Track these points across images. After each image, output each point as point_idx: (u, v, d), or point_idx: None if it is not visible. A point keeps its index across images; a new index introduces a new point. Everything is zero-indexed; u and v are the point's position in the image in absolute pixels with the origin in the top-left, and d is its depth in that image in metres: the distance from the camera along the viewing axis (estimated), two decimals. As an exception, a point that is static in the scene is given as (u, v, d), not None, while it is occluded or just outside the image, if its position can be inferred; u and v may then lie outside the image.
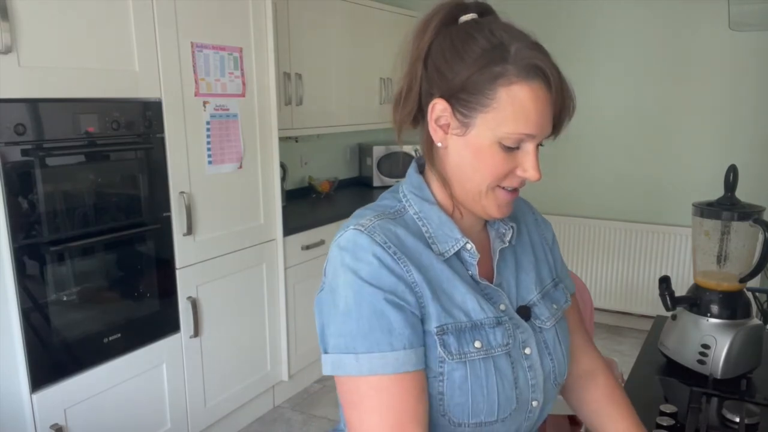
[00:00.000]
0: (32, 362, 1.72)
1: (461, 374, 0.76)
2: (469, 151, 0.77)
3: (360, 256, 0.75)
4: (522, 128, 0.74)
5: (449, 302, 0.77)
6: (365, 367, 0.72)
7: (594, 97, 3.63)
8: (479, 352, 0.77)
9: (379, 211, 0.81)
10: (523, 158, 0.78)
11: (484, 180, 0.78)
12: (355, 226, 0.77)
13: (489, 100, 0.74)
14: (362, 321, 0.73)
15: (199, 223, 2.25)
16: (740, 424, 1.05)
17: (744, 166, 1.40)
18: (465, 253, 0.81)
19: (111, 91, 1.89)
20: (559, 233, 3.78)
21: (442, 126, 0.78)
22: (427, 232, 0.81)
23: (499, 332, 0.79)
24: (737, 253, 1.27)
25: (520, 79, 0.73)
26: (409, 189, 0.84)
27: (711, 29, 3.24)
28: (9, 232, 1.64)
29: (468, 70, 0.74)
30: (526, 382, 0.81)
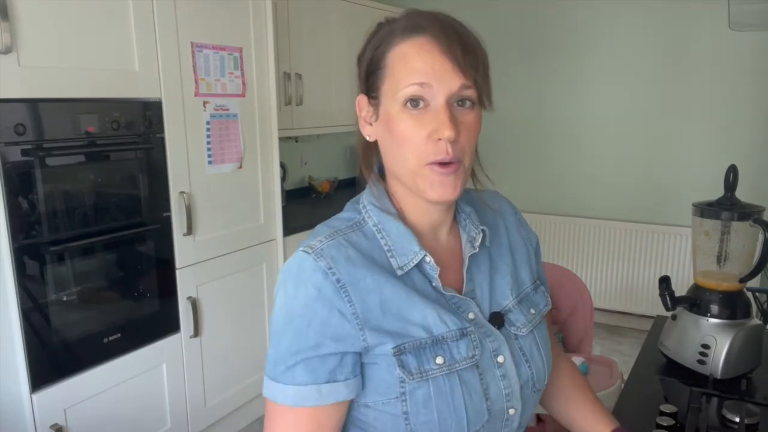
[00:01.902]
0: (32, 362, 1.72)
1: (424, 392, 0.73)
2: (386, 130, 0.76)
3: (300, 283, 0.73)
4: (412, 79, 0.72)
5: (405, 321, 0.74)
6: (270, 393, 0.75)
7: (594, 97, 3.63)
8: (441, 368, 0.74)
9: (335, 228, 0.78)
10: (434, 117, 0.73)
11: (408, 154, 0.74)
12: (305, 248, 0.75)
13: (383, 70, 0.75)
14: (280, 349, 0.74)
15: (199, 223, 2.25)
16: (740, 424, 1.05)
17: (744, 166, 1.40)
18: (425, 265, 0.78)
19: (111, 91, 1.89)
20: (559, 233, 3.78)
21: (365, 119, 0.80)
22: (386, 245, 0.78)
23: (464, 345, 0.76)
24: (737, 253, 1.27)
25: (403, 38, 0.74)
26: (368, 199, 0.81)
27: (711, 29, 3.24)
28: (9, 232, 1.64)
29: (368, 54, 0.77)
30: (500, 392, 0.78)
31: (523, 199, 3.92)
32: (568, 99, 3.71)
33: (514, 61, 3.79)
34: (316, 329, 0.72)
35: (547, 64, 3.71)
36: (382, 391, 0.75)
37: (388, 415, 0.75)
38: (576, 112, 3.71)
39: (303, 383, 0.72)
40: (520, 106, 3.83)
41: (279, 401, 0.74)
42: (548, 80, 3.73)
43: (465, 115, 0.75)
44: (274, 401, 0.74)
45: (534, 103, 3.79)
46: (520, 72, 3.79)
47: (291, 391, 0.73)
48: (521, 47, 3.76)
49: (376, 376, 0.75)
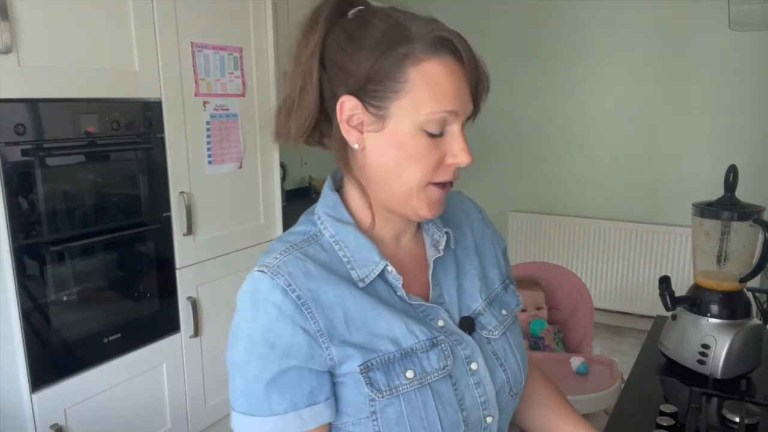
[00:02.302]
0: (32, 362, 1.72)
1: (395, 409, 0.69)
2: (392, 146, 0.70)
3: (258, 305, 0.69)
4: (443, 106, 0.68)
5: (371, 335, 0.71)
6: (246, 429, 0.69)
7: (594, 97, 3.63)
8: (412, 382, 0.70)
9: (290, 242, 0.74)
10: (450, 143, 0.71)
11: (413, 176, 0.70)
12: (260, 267, 0.71)
13: (401, 84, 0.68)
14: (247, 380, 0.69)
15: (199, 223, 2.25)
16: (740, 424, 1.05)
17: (744, 166, 1.40)
18: (388, 275, 0.74)
19: (111, 91, 1.89)
20: (559, 233, 3.78)
21: (356, 126, 0.71)
22: (345, 256, 0.74)
23: (434, 355, 0.72)
24: (737, 253, 1.27)
25: (428, 55, 0.67)
26: (323, 210, 0.77)
27: (711, 29, 3.24)
28: (9, 232, 1.64)
29: (371, 58, 0.68)
30: (475, 401, 0.75)
31: (523, 199, 3.93)
32: (568, 99, 3.70)
33: (514, 61, 3.79)
34: (282, 351, 0.67)
35: (547, 64, 3.71)
36: (351, 412, 0.71)
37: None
38: (576, 112, 3.71)
39: (282, 411, 0.68)
40: (521, 107, 3.83)
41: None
42: (549, 80, 3.73)
43: None
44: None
45: (534, 103, 3.79)
46: (520, 72, 3.79)
47: (270, 422, 0.68)
48: (521, 47, 3.76)
49: (344, 395, 0.71)
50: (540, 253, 3.83)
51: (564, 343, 2.13)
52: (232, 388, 0.71)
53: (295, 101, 0.73)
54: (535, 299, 2.14)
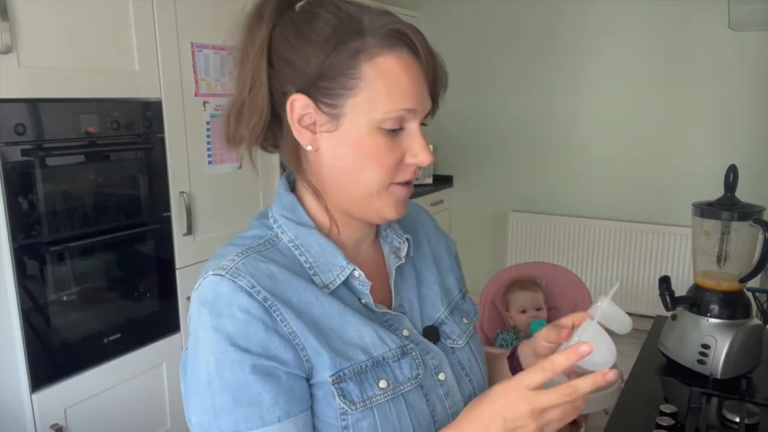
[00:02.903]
0: (32, 362, 1.72)
1: (369, 423, 0.64)
2: (348, 147, 0.65)
3: (221, 309, 0.62)
4: (400, 104, 0.64)
5: (342, 343, 0.66)
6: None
7: (594, 97, 3.63)
8: (386, 392, 0.66)
9: (244, 246, 0.68)
10: (409, 141, 0.67)
11: (374, 178, 0.66)
12: (215, 271, 0.64)
13: (354, 81, 0.63)
14: (226, 394, 0.61)
15: (199, 223, 2.25)
16: (740, 424, 1.05)
17: (744, 166, 1.40)
18: (354, 281, 0.70)
19: (111, 91, 1.89)
20: (559, 233, 3.78)
21: (308, 126, 0.67)
22: (306, 261, 0.69)
23: (406, 364, 0.69)
24: (737, 253, 1.27)
25: (383, 49, 0.63)
26: (280, 212, 0.72)
27: (711, 29, 3.24)
28: (9, 232, 1.64)
29: (322, 53, 0.63)
30: (445, 412, 0.71)
31: (523, 199, 3.93)
32: (568, 99, 3.70)
33: (514, 61, 3.79)
34: (258, 354, 0.61)
35: (547, 64, 3.71)
36: (321, 427, 0.65)
37: None
38: (576, 111, 3.70)
39: (275, 420, 0.61)
40: (521, 107, 3.83)
41: None
42: (548, 80, 3.73)
43: None
44: None
45: (534, 103, 3.79)
46: (520, 72, 3.79)
47: (283, 427, 0.61)
48: (522, 48, 3.76)
49: (313, 409, 0.65)
50: (540, 253, 3.83)
51: (564, 343, 2.13)
52: (205, 411, 0.61)
53: (245, 103, 0.67)
54: (534, 299, 2.13)
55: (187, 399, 0.65)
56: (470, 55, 3.89)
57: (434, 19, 3.97)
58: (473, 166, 4.05)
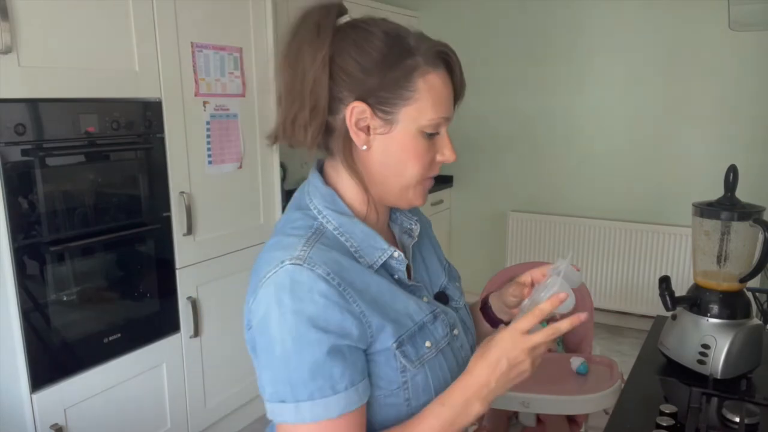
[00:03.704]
0: (32, 362, 1.72)
1: (422, 377, 0.79)
2: (396, 147, 0.78)
3: (302, 295, 0.71)
4: (441, 113, 0.78)
5: (396, 313, 0.78)
6: (307, 415, 0.71)
7: (594, 97, 3.63)
8: (431, 350, 0.80)
9: (302, 235, 0.77)
10: (440, 143, 0.81)
11: (414, 173, 0.79)
12: (291, 261, 0.72)
13: (410, 93, 0.75)
14: (303, 369, 0.70)
15: (199, 223, 2.25)
16: (740, 424, 1.05)
17: (744, 166, 1.40)
18: (392, 261, 0.81)
19: (111, 91, 1.89)
20: (559, 233, 3.79)
21: (362, 128, 0.77)
22: (351, 246, 0.79)
23: (439, 325, 0.83)
24: (737, 253, 1.27)
25: (433, 67, 0.77)
26: (322, 204, 0.81)
27: (711, 29, 3.24)
28: (9, 232, 1.64)
29: (383, 68, 0.75)
30: (462, 361, 0.86)
31: (523, 199, 3.93)
32: (568, 99, 3.70)
33: (514, 61, 3.79)
34: (337, 334, 0.71)
35: (548, 65, 3.71)
36: (384, 385, 0.77)
37: (390, 406, 0.77)
38: (576, 111, 3.70)
39: (343, 389, 0.71)
40: (521, 107, 3.83)
41: (322, 417, 0.71)
42: (549, 80, 3.73)
43: None
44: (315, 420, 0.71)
45: (534, 103, 3.79)
46: (520, 72, 3.79)
47: (334, 401, 0.71)
48: (522, 48, 3.76)
49: (377, 370, 0.76)
50: (540, 253, 3.83)
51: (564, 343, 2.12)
52: (281, 382, 0.71)
53: (305, 110, 0.76)
54: (535, 299, 2.13)
55: (260, 372, 0.76)
56: (470, 55, 3.89)
57: (434, 19, 3.97)
58: (473, 166, 4.05)
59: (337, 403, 0.71)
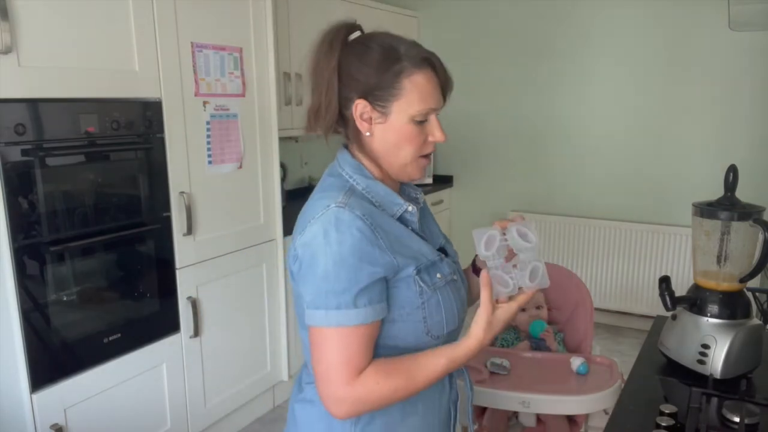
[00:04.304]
0: (32, 362, 1.72)
1: (435, 300, 1.01)
2: (392, 133, 0.99)
3: (343, 229, 0.93)
4: (427, 104, 0.98)
5: (413, 251, 1.00)
6: (333, 320, 0.93)
7: (594, 97, 3.63)
8: (441, 281, 1.02)
9: (341, 189, 0.99)
10: (430, 128, 1.01)
11: (408, 153, 1.00)
12: (337, 204, 0.95)
13: (398, 90, 0.97)
14: (337, 285, 0.92)
15: (199, 223, 2.25)
16: (740, 424, 1.05)
17: (744, 166, 1.40)
18: (407, 214, 1.04)
19: (111, 91, 1.89)
20: (559, 233, 3.79)
21: (366, 119, 1.00)
22: (376, 201, 1.01)
23: (445, 265, 1.05)
24: (737, 253, 1.27)
25: (416, 69, 0.97)
26: (351, 171, 1.04)
27: (711, 29, 3.24)
28: (9, 232, 1.64)
29: (378, 72, 0.97)
30: (462, 302, 1.08)
31: (523, 199, 3.93)
32: (568, 99, 3.71)
33: (513, 61, 3.79)
34: (368, 261, 0.93)
35: (547, 65, 3.71)
36: (406, 305, 0.98)
37: (411, 323, 0.99)
38: (576, 111, 3.70)
39: (363, 305, 0.93)
40: (521, 107, 3.83)
41: (343, 323, 0.92)
42: (548, 80, 3.73)
43: None
44: (341, 325, 0.92)
45: (534, 103, 3.80)
46: (520, 72, 3.79)
47: (353, 313, 0.92)
48: (522, 48, 3.76)
49: (400, 294, 0.98)
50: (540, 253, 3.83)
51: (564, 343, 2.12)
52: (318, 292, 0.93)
53: (321, 106, 1.01)
54: (535, 299, 2.13)
55: (303, 285, 0.97)
56: (470, 56, 3.89)
57: (434, 20, 3.97)
58: (473, 166, 4.05)
59: (357, 315, 0.92)
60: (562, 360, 1.88)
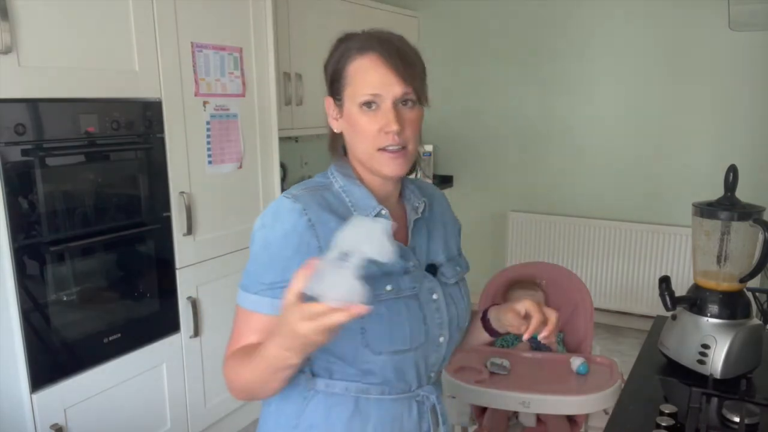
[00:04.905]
0: (32, 362, 1.72)
1: (378, 311, 0.91)
2: (348, 124, 0.98)
3: (278, 218, 0.94)
4: (369, 89, 0.93)
5: None
6: (240, 299, 0.95)
7: (594, 98, 3.63)
8: (390, 293, 0.95)
9: (310, 186, 1.00)
10: (383, 117, 0.94)
11: (364, 143, 0.96)
12: (285, 194, 0.96)
13: (345, 79, 0.96)
14: (252, 266, 0.95)
15: (199, 223, 2.25)
16: (740, 424, 1.06)
17: (744, 166, 1.40)
18: (382, 218, 0.97)
19: (111, 91, 1.89)
20: (559, 233, 3.79)
21: (334, 117, 1.01)
22: (350, 201, 0.99)
23: (407, 279, 0.98)
24: (737, 253, 1.27)
25: (359, 54, 0.95)
26: (336, 168, 1.03)
27: (711, 29, 3.24)
28: (9, 232, 1.64)
29: (332, 66, 0.99)
30: (434, 321, 1.00)
31: (523, 199, 3.93)
32: (568, 99, 3.71)
33: (513, 61, 3.79)
34: (287, 256, 0.91)
35: (547, 64, 3.71)
36: None
37: (347, 330, 0.88)
38: (576, 112, 3.70)
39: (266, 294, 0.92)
40: (521, 107, 3.83)
41: (241, 304, 0.94)
42: (548, 80, 3.73)
43: (408, 112, 0.96)
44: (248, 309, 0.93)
45: (534, 103, 3.80)
46: (520, 72, 3.79)
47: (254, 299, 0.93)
48: (521, 48, 3.76)
49: None
50: (540, 253, 3.83)
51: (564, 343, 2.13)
52: (246, 271, 0.96)
53: None
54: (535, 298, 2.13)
55: None
56: (470, 55, 3.89)
57: (434, 20, 3.97)
58: (473, 166, 4.05)
59: (256, 301, 0.92)
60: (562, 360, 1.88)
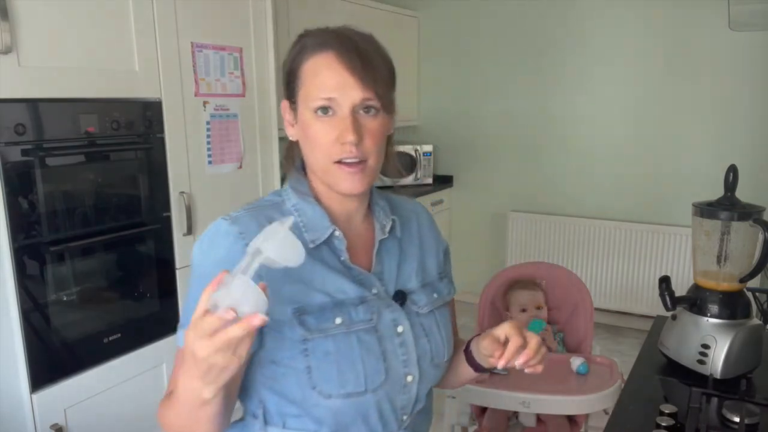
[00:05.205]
0: (32, 362, 1.72)
1: (325, 348, 0.82)
2: (302, 131, 0.86)
3: (213, 243, 0.84)
4: (322, 93, 0.82)
5: (306, 286, 0.83)
6: (178, 337, 0.84)
7: (594, 98, 3.63)
8: (340, 327, 0.83)
9: (256, 205, 0.90)
10: (340, 124, 0.82)
11: (319, 153, 0.84)
12: (224, 216, 0.86)
13: (299, 79, 0.85)
14: (190, 299, 0.83)
15: (199, 223, 2.25)
16: (740, 424, 1.06)
17: (744, 166, 1.40)
18: (334, 239, 0.88)
19: (111, 91, 1.89)
20: (559, 233, 3.79)
21: (290, 122, 0.90)
22: (301, 221, 0.87)
23: (362, 309, 0.85)
24: (737, 253, 1.27)
25: (314, 53, 0.83)
26: (291, 185, 0.93)
27: (711, 29, 3.24)
28: (9, 232, 1.64)
29: (287, 64, 0.88)
30: (397, 357, 0.87)
31: (523, 199, 3.93)
32: (568, 99, 3.71)
33: (513, 61, 3.79)
34: None
35: (547, 65, 3.71)
36: (288, 347, 0.82)
37: (293, 369, 0.82)
38: (576, 112, 3.71)
39: None
40: (521, 107, 3.83)
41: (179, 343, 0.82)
42: (548, 80, 3.73)
43: (369, 121, 0.84)
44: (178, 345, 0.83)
45: (534, 103, 3.80)
46: (519, 72, 3.79)
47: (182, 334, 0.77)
48: (521, 48, 3.76)
49: (280, 335, 0.82)
50: (540, 253, 3.83)
51: (564, 343, 2.13)
52: (182, 307, 0.86)
53: None
54: (535, 298, 2.14)
55: None
56: (470, 55, 3.90)
57: (434, 20, 3.97)
58: (473, 166, 4.05)
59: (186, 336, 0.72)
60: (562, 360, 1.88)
